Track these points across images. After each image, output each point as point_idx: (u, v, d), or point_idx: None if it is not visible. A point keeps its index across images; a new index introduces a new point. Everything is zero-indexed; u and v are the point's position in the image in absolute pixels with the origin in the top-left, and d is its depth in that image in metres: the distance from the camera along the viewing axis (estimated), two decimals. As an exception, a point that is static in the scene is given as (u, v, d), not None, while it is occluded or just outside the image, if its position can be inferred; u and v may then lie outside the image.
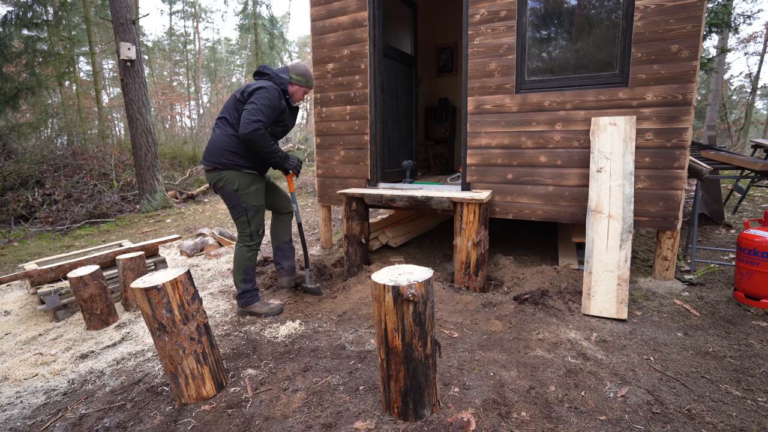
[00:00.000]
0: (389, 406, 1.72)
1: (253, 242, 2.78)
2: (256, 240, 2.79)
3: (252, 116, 2.44)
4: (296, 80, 2.72)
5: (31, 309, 3.24)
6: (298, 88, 2.76)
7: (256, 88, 2.54)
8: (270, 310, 2.85)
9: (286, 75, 2.69)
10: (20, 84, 8.02)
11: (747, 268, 2.61)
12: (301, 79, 2.73)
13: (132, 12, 7.34)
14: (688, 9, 2.75)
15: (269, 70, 2.68)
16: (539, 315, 2.63)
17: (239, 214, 2.70)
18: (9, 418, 1.90)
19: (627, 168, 2.89)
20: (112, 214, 7.37)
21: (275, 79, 2.65)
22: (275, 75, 2.66)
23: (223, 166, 2.59)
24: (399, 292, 1.55)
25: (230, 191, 2.64)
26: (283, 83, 2.66)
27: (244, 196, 2.65)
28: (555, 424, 1.65)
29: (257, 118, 2.45)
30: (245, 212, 2.69)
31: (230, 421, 1.77)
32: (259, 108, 2.47)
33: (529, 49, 3.29)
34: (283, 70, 2.71)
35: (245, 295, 2.85)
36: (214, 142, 2.61)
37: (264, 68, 2.70)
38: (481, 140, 3.52)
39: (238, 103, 2.59)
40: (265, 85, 2.56)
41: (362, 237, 3.61)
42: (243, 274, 2.80)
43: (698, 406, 1.74)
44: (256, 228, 2.75)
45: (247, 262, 2.78)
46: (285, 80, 2.67)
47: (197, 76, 24.63)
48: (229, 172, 2.60)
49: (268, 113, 2.51)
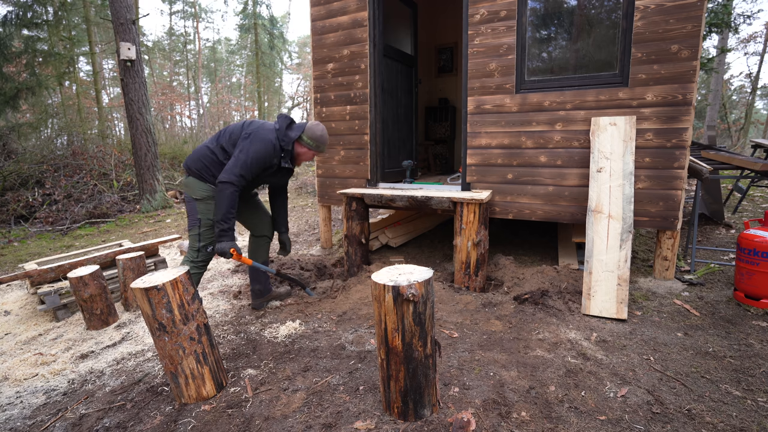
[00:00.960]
0: (389, 406, 1.72)
1: (198, 259, 2.57)
2: (203, 257, 2.57)
3: (233, 170, 2.34)
4: (306, 143, 2.58)
5: (31, 309, 3.24)
6: (306, 150, 2.62)
7: (251, 132, 2.43)
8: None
9: (295, 134, 2.53)
10: (20, 84, 8.02)
11: (747, 268, 2.61)
12: (312, 143, 2.58)
13: (132, 12, 7.34)
14: (688, 9, 2.75)
15: (281, 123, 2.54)
16: (539, 315, 2.63)
17: (193, 224, 2.54)
18: (9, 418, 1.90)
19: (627, 168, 2.89)
20: (112, 214, 7.37)
21: (279, 134, 2.50)
22: (282, 130, 2.52)
23: (191, 171, 2.53)
24: (399, 292, 1.55)
25: (190, 198, 2.54)
26: (286, 143, 2.51)
27: (202, 206, 2.51)
28: (555, 424, 1.65)
29: (236, 173, 2.33)
30: (198, 224, 2.52)
31: (230, 421, 1.77)
32: (244, 161, 2.35)
33: (529, 49, 3.29)
34: (298, 127, 2.57)
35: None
36: (197, 149, 2.57)
37: (280, 118, 2.57)
38: (481, 140, 3.52)
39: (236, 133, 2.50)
40: (261, 133, 2.43)
41: (362, 237, 3.61)
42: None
43: (698, 406, 1.74)
44: (205, 244, 2.55)
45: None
46: (290, 140, 2.51)
47: (197, 76, 24.64)
48: (193, 179, 2.52)
49: (253, 167, 2.39)
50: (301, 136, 2.57)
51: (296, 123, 2.61)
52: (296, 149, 2.62)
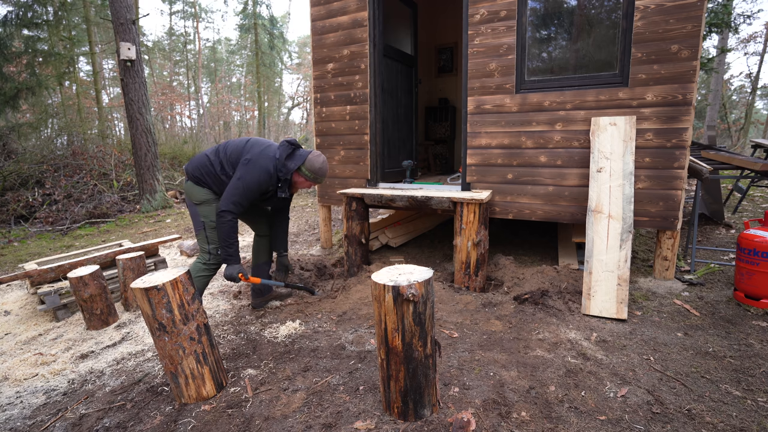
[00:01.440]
0: (389, 406, 1.72)
1: (210, 261, 2.61)
2: (214, 259, 2.62)
3: (230, 198, 2.39)
4: (305, 174, 2.59)
5: (31, 309, 3.24)
6: (304, 180, 2.64)
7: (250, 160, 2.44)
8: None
9: (293, 165, 2.54)
10: (20, 84, 8.02)
11: (747, 268, 2.61)
12: (310, 175, 2.59)
13: (132, 12, 7.34)
14: (688, 9, 2.75)
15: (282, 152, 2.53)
16: (539, 315, 2.63)
17: (198, 228, 2.59)
18: (9, 418, 1.90)
19: (627, 168, 2.89)
20: (112, 214, 7.37)
21: (278, 164, 2.51)
22: (281, 160, 2.51)
23: (189, 176, 2.58)
24: (399, 292, 1.55)
25: (191, 203, 2.59)
26: (284, 174, 2.53)
27: (203, 209, 2.55)
28: (555, 424, 1.65)
29: (233, 201, 2.39)
30: (204, 227, 2.57)
31: (230, 421, 1.77)
32: (241, 187, 2.40)
33: (529, 49, 3.29)
34: (299, 157, 2.56)
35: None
36: (197, 156, 2.61)
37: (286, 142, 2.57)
38: (481, 140, 3.52)
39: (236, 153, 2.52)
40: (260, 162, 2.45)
41: (362, 237, 3.61)
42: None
43: (698, 406, 1.74)
44: (215, 246, 2.59)
45: (197, 279, 2.60)
46: (289, 170, 2.53)
47: (197, 76, 24.64)
48: (191, 184, 2.58)
49: (249, 194, 2.44)
50: (301, 168, 2.57)
51: (298, 151, 2.60)
52: (294, 178, 2.63)
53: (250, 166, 2.44)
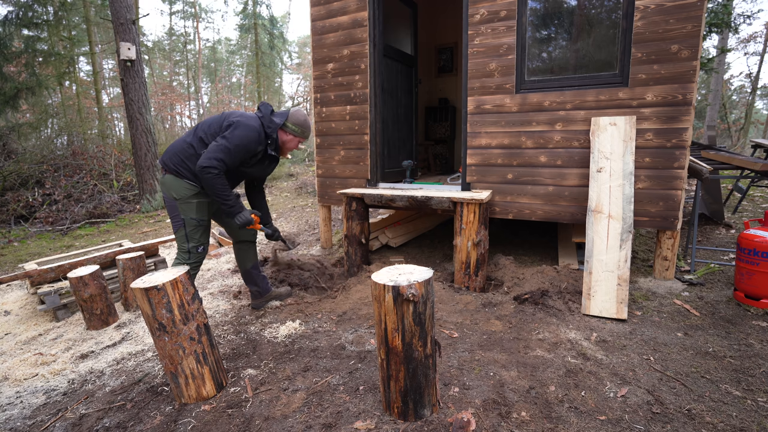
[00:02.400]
0: (389, 406, 1.72)
1: (190, 260, 2.49)
2: (195, 258, 2.50)
3: (212, 154, 2.26)
4: (291, 129, 2.53)
5: (31, 309, 3.24)
6: (291, 138, 2.56)
7: (235, 122, 2.36)
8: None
9: (279, 120, 2.48)
10: (20, 84, 8.02)
11: (747, 268, 2.61)
12: (296, 129, 2.53)
13: (132, 12, 7.34)
14: (688, 9, 2.75)
15: (264, 110, 2.49)
16: (539, 315, 2.63)
17: (177, 226, 2.45)
18: (9, 418, 1.90)
19: (627, 168, 2.89)
20: (112, 214, 7.37)
21: (264, 121, 2.45)
22: (266, 116, 2.46)
23: (167, 168, 2.41)
24: (399, 292, 1.55)
25: (169, 198, 2.42)
26: (272, 129, 2.45)
27: (183, 206, 2.41)
28: (555, 424, 1.65)
29: (216, 157, 2.25)
30: (183, 225, 2.43)
31: (230, 421, 1.77)
32: (226, 146, 2.28)
33: (529, 49, 3.29)
34: (282, 114, 2.53)
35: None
36: (173, 144, 2.46)
37: (262, 105, 2.53)
38: (481, 140, 3.52)
39: (215, 125, 2.42)
40: (245, 122, 2.36)
41: (362, 237, 3.61)
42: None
43: (698, 406, 1.74)
44: (195, 245, 2.47)
45: None
46: (275, 126, 2.46)
47: (197, 76, 24.64)
48: (170, 177, 2.40)
49: (236, 154, 2.32)
50: (286, 123, 2.51)
51: (278, 111, 2.56)
52: (281, 137, 2.55)
53: (236, 125, 2.32)
